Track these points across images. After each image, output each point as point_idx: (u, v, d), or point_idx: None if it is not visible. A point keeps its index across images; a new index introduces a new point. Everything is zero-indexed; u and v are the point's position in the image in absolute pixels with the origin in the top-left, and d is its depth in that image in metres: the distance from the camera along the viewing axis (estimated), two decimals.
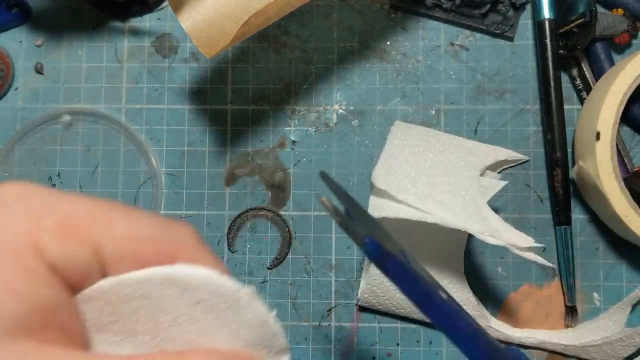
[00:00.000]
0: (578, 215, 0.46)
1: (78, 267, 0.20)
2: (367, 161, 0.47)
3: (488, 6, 0.46)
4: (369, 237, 0.24)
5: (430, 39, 0.48)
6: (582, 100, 0.46)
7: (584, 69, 0.46)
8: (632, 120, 0.46)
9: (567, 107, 0.46)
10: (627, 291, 0.45)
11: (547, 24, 0.45)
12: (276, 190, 0.47)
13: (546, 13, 0.45)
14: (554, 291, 0.46)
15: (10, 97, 0.48)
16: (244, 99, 0.48)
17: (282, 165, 0.47)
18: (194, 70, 0.48)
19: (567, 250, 0.45)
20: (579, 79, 0.46)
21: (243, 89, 0.48)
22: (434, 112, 0.47)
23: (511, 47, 0.48)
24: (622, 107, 0.41)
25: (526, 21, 0.47)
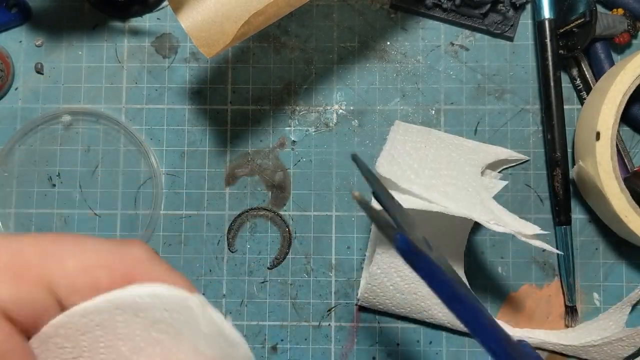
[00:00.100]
0: (578, 215, 0.46)
1: (32, 308, 0.19)
2: (367, 161, 0.47)
3: (488, 6, 0.46)
4: (400, 233, 0.25)
5: (430, 39, 0.48)
6: (582, 100, 0.46)
7: (584, 69, 0.46)
8: (632, 120, 0.46)
9: (567, 107, 0.46)
10: (627, 291, 0.45)
11: (547, 24, 0.45)
12: (276, 190, 0.47)
13: (546, 13, 0.45)
14: (554, 291, 0.46)
15: (10, 97, 0.48)
16: (244, 99, 0.48)
17: (282, 165, 0.47)
18: (194, 70, 0.48)
19: (567, 250, 0.45)
20: (579, 79, 0.46)
21: (243, 89, 0.48)
22: (434, 112, 0.47)
23: (511, 47, 0.48)
24: (622, 107, 0.41)
25: (526, 21, 0.47)
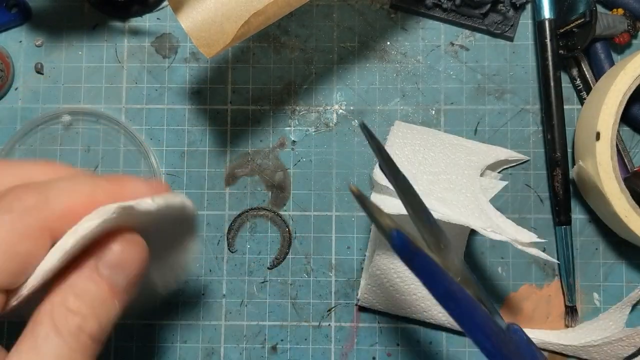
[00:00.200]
0: (578, 215, 0.46)
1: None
2: (367, 161, 0.47)
3: (488, 6, 0.46)
4: (397, 230, 0.24)
5: (430, 39, 0.48)
6: (582, 100, 0.46)
7: (584, 69, 0.46)
8: (632, 120, 0.46)
9: (567, 107, 0.46)
10: (627, 291, 0.45)
11: (547, 24, 0.45)
12: (276, 190, 0.47)
13: (546, 13, 0.45)
14: (554, 291, 0.46)
15: (10, 97, 0.48)
16: (244, 99, 0.48)
17: (282, 165, 0.47)
18: (194, 70, 0.48)
19: (567, 250, 0.45)
20: (579, 79, 0.46)
21: (243, 89, 0.48)
22: (434, 112, 0.47)
23: (511, 47, 0.48)
24: (622, 107, 0.41)
25: (526, 21, 0.47)
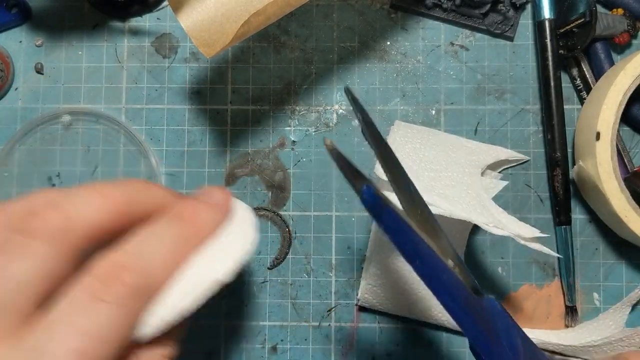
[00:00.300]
0: (578, 215, 0.46)
1: None
2: (367, 161, 0.47)
3: (488, 6, 0.46)
4: (368, 185, 0.24)
5: (430, 39, 0.48)
6: (582, 100, 0.46)
7: (584, 69, 0.46)
8: (632, 120, 0.46)
9: (567, 107, 0.46)
10: (627, 291, 0.45)
11: (547, 24, 0.45)
12: (276, 190, 0.47)
13: (546, 13, 0.45)
14: (554, 291, 0.46)
15: (10, 97, 0.48)
16: (244, 99, 0.48)
17: (282, 165, 0.47)
18: (194, 70, 0.48)
19: (567, 250, 0.45)
20: (579, 79, 0.46)
21: (243, 89, 0.48)
22: (434, 112, 0.47)
23: (511, 47, 0.48)
24: (622, 107, 0.41)
25: (526, 21, 0.47)
